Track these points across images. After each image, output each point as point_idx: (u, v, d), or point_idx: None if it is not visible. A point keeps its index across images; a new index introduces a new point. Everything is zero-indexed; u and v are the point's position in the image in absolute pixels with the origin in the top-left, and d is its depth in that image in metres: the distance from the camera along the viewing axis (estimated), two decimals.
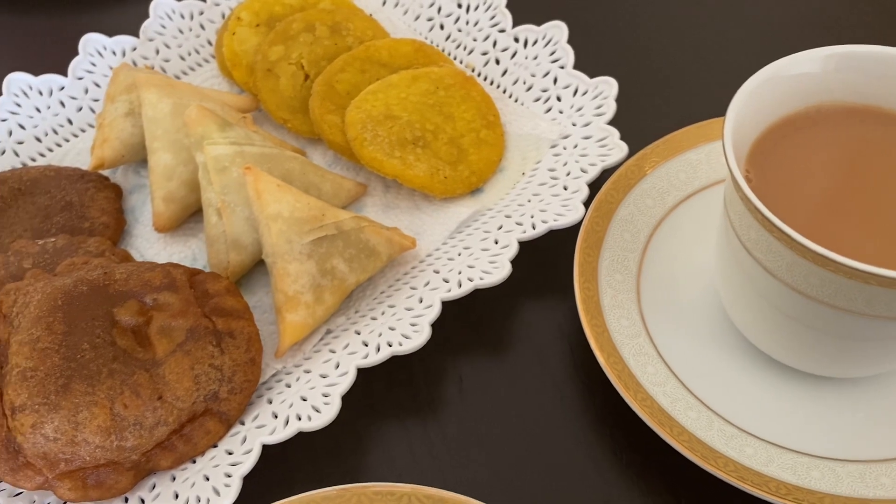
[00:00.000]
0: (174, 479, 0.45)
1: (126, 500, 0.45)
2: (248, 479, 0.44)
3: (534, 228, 0.52)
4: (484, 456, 0.47)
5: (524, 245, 0.53)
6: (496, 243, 0.53)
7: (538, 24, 0.63)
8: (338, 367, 0.48)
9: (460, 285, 0.50)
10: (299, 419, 0.45)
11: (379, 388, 0.50)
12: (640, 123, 0.59)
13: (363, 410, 0.49)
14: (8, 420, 0.43)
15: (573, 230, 0.53)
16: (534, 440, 0.48)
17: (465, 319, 0.53)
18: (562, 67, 0.61)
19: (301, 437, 0.46)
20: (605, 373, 0.45)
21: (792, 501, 0.40)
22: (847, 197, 0.42)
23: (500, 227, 0.54)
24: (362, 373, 0.48)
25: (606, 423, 0.48)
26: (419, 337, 0.48)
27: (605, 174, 0.55)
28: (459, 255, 0.53)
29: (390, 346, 0.48)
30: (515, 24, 0.64)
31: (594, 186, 0.54)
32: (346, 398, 0.46)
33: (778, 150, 0.44)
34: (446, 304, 0.50)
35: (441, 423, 0.49)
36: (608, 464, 0.46)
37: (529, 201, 0.55)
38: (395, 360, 0.49)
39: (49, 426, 0.43)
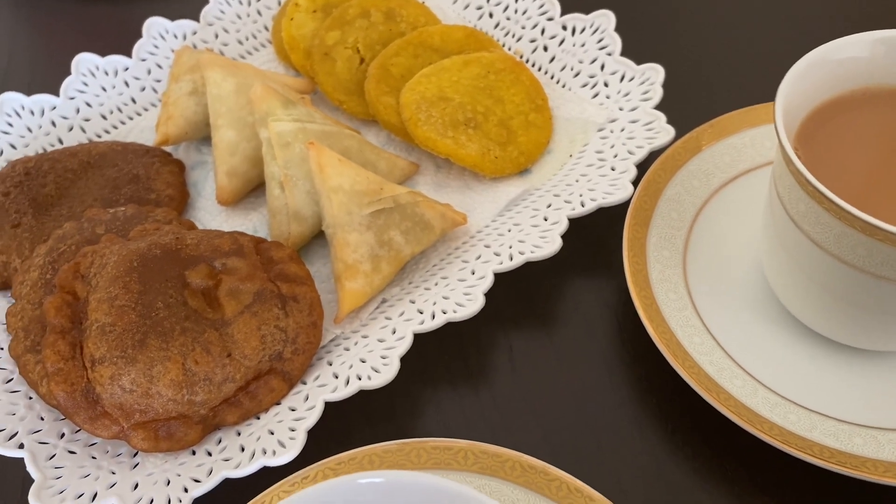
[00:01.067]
0: (239, 433, 0.47)
1: (194, 452, 0.47)
2: (308, 437, 0.46)
3: (583, 206, 0.54)
4: (534, 420, 0.49)
5: (573, 223, 0.55)
6: (546, 220, 0.55)
7: (585, 13, 0.65)
8: (394, 332, 0.50)
9: (511, 258, 0.52)
10: (359, 379, 0.47)
11: (432, 356, 0.52)
12: (685, 109, 0.61)
13: (417, 376, 0.52)
14: (88, 371, 0.46)
15: (620, 210, 0.55)
16: (582, 406, 0.50)
17: (516, 294, 0.55)
18: (609, 54, 0.63)
19: (358, 399, 0.48)
20: (654, 341, 0.47)
21: (835, 464, 0.42)
22: (893, 174, 0.44)
23: (550, 206, 0.56)
24: (416, 341, 0.50)
25: (653, 392, 0.50)
26: (473, 305, 0.50)
27: (652, 156, 0.57)
28: (509, 230, 0.55)
29: (444, 313, 0.50)
30: (563, 13, 0.66)
31: (641, 168, 0.56)
32: (401, 364, 0.48)
33: (825, 130, 0.46)
34: (497, 278, 0.52)
35: (492, 390, 0.51)
36: (654, 430, 0.48)
37: (577, 181, 0.57)
38: (447, 332, 0.52)
39: (126, 378, 0.45)
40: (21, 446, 0.46)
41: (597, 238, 0.57)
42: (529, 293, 0.55)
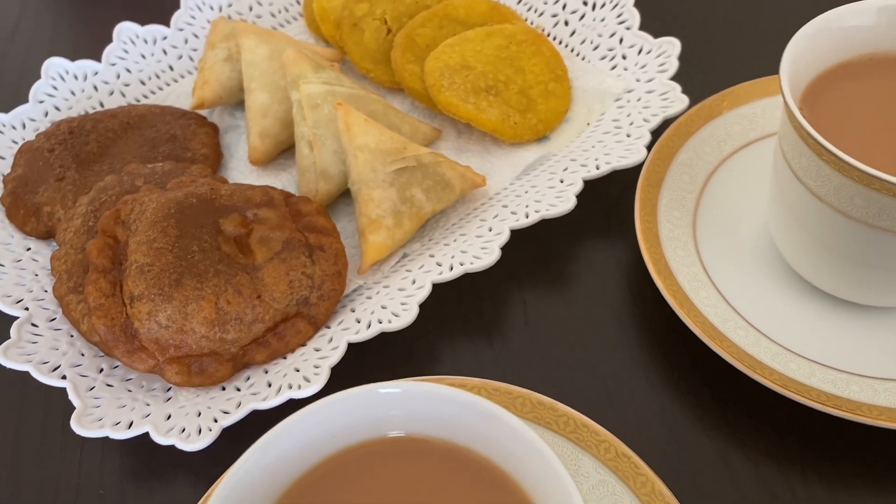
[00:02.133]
0: (267, 371, 0.50)
1: (223, 388, 0.50)
2: (330, 376, 0.48)
3: (598, 168, 0.56)
4: (544, 367, 0.52)
5: (588, 190, 0.57)
6: (562, 182, 0.57)
7: None
8: (414, 282, 0.53)
9: (528, 216, 0.55)
10: (380, 322, 0.50)
11: (450, 309, 0.55)
12: (700, 80, 0.63)
13: (435, 325, 0.54)
14: (127, 308, 0.49)
15: (633, 178, 0.57)
16: (592, 356, 0.52)
17: (531, 254, 0.58)
18: (628, 28, 0.65)
19: (379, 343, 0.51)
20: (662, 294, 0.49)
21: (832, 407, 0.44)
22: (893, 134, 0.45)
23: (566, 169, 0.58)
24: (434, 294, 0.52)
25: (660, 344, 0.52)
26: (489, 257, 0.52)
27: (666, 124, 0.59)
28: (526, 192, 0.58)
29: (462, 265, 0.52)
30: None
31: (655, 135, 0.58)
32: (420, 312, 0.50)
33: (830, 94, 0.48)
34: (514, 238, 0.55)
35: (505, 340, 0.53)
36: (661, 379, 0.50)
37: (594, 147, 0.60)
38: (464, 287, 0.54)
39: (162, 314, 0.48)
40: (63, 378, 0.49)
41: (610, 203, 0.60)
42: (544, 253, 0.58)
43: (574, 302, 0.55)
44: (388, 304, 0.51)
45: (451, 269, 0.53)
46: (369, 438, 0.35)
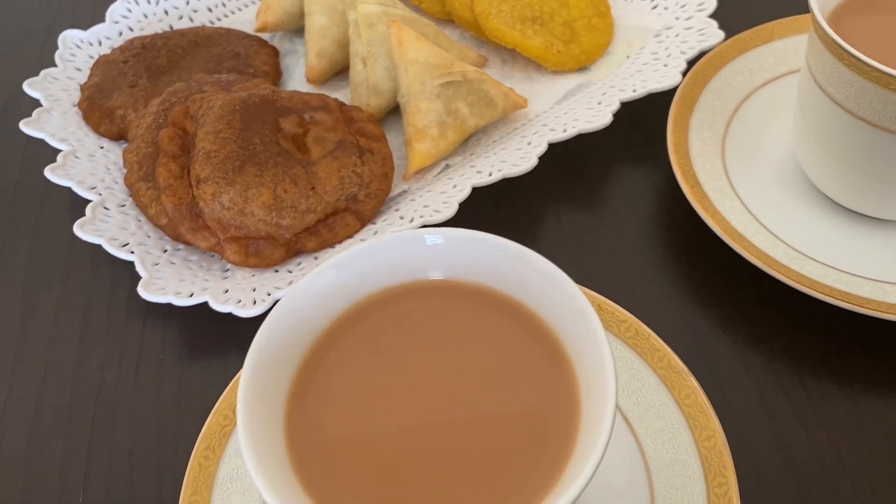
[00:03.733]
0: (316, 258, 0.55)
1: (276, 271, 0.54)
2: None
3: (634, 91, 0.60)
4: (575, 270, 0.54)
5: (624, 114, 0.60)
6: (599, 104, 0.60)
7: None
8: (455, 186, 0.56)
9: (565, 131, 0.58)
10: (422, 217, 0.54)
11: (487, 217, 0.59)
12: (738, 19, 0.66)
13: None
14: (193, 189, 0.53)
15: (668, 107, 0.60)
16: (620, 262, 0.55)
17: (567, 173, 0.61)
18: None
19: None
20: (688, 199, 0.52)
21: (844, 301, 0.46)
22: None
23: (604, 94, 0.61)
24: (473, 208, 0.56)
25: (684, 250, 0.55)
26: (527, 163, 0.56)
27: (702, 56, 0.62)
28: (566, 113, 0.61)
29: (501, 171, 0.56)
30: None
31: (690, 65, 0.61)
32: (458, 221, 0.54)
33: (856, 14, 0.50)
34: (551, 158, 0.58)
35: (538, 245, 0.57)
36: (683, 282, 0.53)
37: (632, 76, 0.63)
38: (501, 200, 0.58)
39: (225, 196, 0.53)
40: (132, 253, 0.54)
41: (645, 130, 0.63)
42: (580, 172, 0.61)
43: (605, 214, 0.58)
44: (430, 203, 0.55)
45: (490, 175, 0.56)
46: (411, 280, 0.39)
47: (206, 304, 0.52)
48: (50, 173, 0.57)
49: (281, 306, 0.36)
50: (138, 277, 0.53)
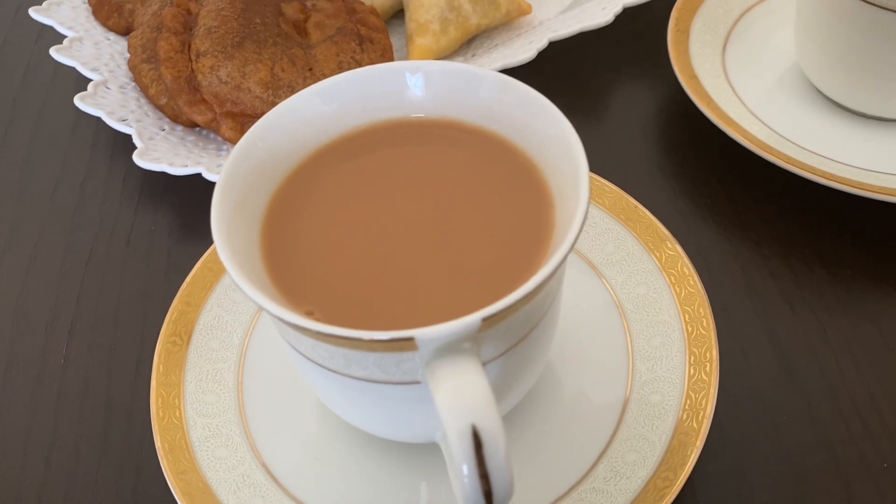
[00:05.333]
0: None
1: None
2: None
3: None
4: None
5: (629, 23, 0.60)
6: (604, 10, 0.60)
7: None
8: None
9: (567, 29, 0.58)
10: None
11: None
12: None
13: None
14: (193, 63, 0.54)
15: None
16: (615, 155, 0.55)
17: (566, 78, 0.61)
18: None
19: None
20: (684, 88, 0.52)
21: (833, 181, 0.46)
22: None
23: (610, 1, 0.61)
24: None
25: (678, 144, 0.55)
26: (525, 55, 0.56)
27: None
28: (570, 22, 0.61)
29: (500, 62, 0.56)
30: None
31: None
32: None
33: None
34: (550, 65, 0.58)
35: None
36: (675, 171, 0.53)
37: None
38: None
39: (223, 70, 0.53)
40: (129, 126, 0.55)
41: (648, 40, 0.62)
42: (579, 77, 0.61)
43: (603, 114, 0.58)
44: None
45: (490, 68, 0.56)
46: (393, 117, 0.39)
47: (199, 177, 0.52)
48: (56, 53, 0.58)
49: (265, 120, 0.37)
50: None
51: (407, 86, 0.38)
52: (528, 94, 0.36)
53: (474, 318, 0.28)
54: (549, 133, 0.35)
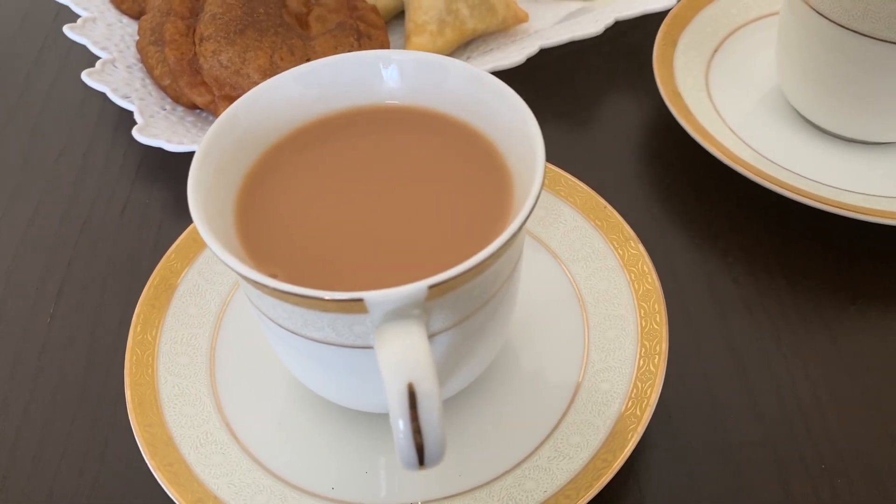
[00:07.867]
0: None
1: None
2: None
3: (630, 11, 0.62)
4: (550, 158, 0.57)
5: (619, 39, 0.62)
6: (596, 21, 0.62)
7: None
8: None
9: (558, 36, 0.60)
10: None
11: None
12: None
13: None
14: (196, 46, 0.56)
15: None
16: (595, 163, 0.57)
17: (554, 88, 0.63)
18: None
19: None
20: (664, 100, 0.54)
21: (801, 195, 0.48)
22: None
23: (603, 14, 0.64)
24: None
25: (658, 156, 0.57)
26: (515, 58, 0.58)
27: None
28: (564, 32, 0.63)
29: (489, 65, 0.58)
30: None
31: None
32: None
33: None
34: (539, 75, 0.60)
35: None
36: (652, 181, 0.55)
37: (632, 3, 0.65)
38: None
39: (224, 55, 0.55)
40: (132, 103, 0.57)
41: (636, 55, 0.64)
42: (565, 88, 0.63)
43: (589, 121, 0.60)
44: None
45: None
46: (366, 104, 0.41)
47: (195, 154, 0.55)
48: (68, 30, 0.61)
49: (248, 97, 0.39)
50: None
51: (382, 74, 0.40)
52: (495, 85, 0.38)
53: (421, 285, 0.30)
54: (512, 122, 0.37)
